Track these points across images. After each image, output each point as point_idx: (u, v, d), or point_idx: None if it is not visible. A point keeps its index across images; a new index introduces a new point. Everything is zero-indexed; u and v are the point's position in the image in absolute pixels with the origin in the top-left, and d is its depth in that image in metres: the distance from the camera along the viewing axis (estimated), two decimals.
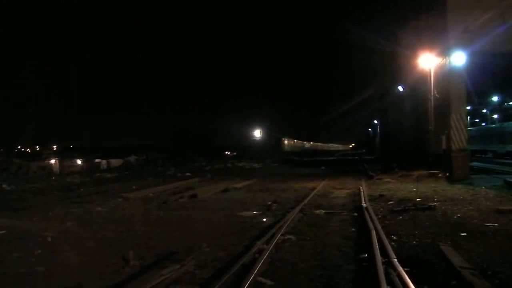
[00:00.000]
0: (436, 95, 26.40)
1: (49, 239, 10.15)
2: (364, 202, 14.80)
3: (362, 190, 18.76)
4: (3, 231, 11.00)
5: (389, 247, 8.12)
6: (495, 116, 61.22)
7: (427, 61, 27.06)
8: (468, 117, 29.88)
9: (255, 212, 14.07)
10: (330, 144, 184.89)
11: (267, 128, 76.77)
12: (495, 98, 58.24)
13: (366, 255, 8.04)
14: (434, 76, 26.75)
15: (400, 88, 42.07)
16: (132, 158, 53.36)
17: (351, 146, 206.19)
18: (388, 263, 7.11)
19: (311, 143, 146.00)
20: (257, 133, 66.30)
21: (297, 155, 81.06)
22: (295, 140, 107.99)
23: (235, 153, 72.39)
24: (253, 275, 6.72)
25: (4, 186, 24.80)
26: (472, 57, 23.26)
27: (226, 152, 77.03)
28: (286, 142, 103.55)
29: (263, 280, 6.84)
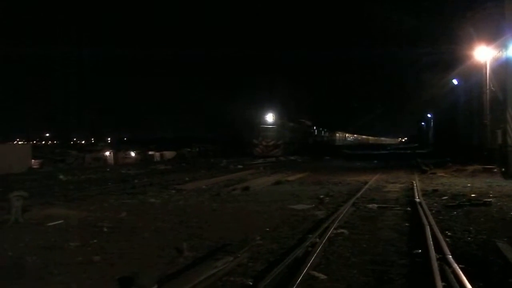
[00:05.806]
0: (492, 88, 25.75)
1: (105, 229, 10.39)
2: (417, 197, 14.60)
3: (415, 184, 18.52)
4: (61, 221, 11.32)
5: (443, 243, 8.01)
6: None
7: (483, 53, 26.36)
8: None
9: (307, 205, 14.02)
10: (377, 138, 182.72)
11: (312, 120, 75.54)
12: None
13: (420, 250, 7.94)
14: (489, 69, 26.09)
15: (455, 81, 41.19)
16: (185, 150, 54.03)
17: (403, 140, 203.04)
18: (443, 259, 7.03)
19: (355, 135, 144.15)
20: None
21: (348, 149, 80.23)
22: (338, 133, 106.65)
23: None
24: (306, 268, 6.74)
25: (61, 177, 25.47)
26: None
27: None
28: (338, 135, 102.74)
29: (316, 274, 6.84)
